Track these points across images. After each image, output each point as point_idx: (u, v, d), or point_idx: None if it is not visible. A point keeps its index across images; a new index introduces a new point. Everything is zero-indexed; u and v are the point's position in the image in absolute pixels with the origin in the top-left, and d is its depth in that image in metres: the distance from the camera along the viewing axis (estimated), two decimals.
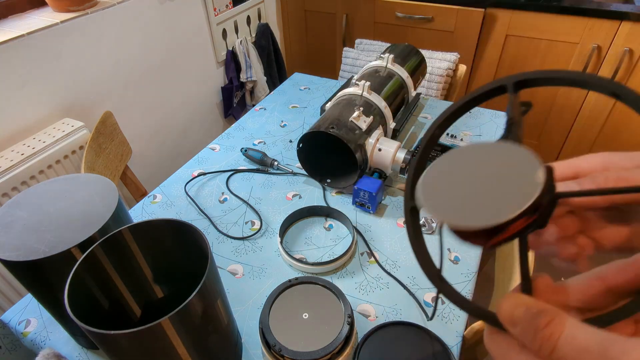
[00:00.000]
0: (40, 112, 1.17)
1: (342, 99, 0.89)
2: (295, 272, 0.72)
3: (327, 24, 2.04)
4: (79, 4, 1.20)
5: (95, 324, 0.38)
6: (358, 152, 0.78)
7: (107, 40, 1.30)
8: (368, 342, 0.56)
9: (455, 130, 1.04)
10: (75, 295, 0.42)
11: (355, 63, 1.52)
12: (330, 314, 0.56)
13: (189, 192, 0.90)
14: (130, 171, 1.27)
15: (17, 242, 0.49)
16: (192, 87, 1.73)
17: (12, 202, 0.54)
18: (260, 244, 0.77)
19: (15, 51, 1.07)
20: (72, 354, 0.61)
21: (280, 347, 0.52)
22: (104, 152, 1.14)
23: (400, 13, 1.79)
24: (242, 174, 0.95)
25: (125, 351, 0.41)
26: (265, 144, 1.04)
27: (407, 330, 0.57)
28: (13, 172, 1.03)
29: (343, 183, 0.86)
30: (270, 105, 1.21)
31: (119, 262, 0.50)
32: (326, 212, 0.82)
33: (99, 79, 1.32)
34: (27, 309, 0.67)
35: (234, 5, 1.76)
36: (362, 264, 0.73)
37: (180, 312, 0.40)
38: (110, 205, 0.53)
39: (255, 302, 0.67)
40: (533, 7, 1.54)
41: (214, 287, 0.46)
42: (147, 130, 1.58)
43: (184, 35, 1.60)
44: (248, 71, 1.86)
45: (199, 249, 0.49)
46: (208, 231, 0.80)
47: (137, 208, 0.87)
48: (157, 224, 0.50)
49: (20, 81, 1.10)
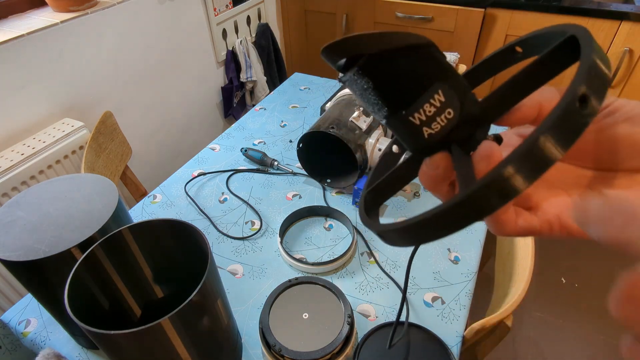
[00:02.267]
0: (40, 112, 1.17)
1: (342, 99, 0.89)
2: (295, 272, 0.72)
3: (327, 24, 2.04)
4: (79, 4, 1.20)
5: (95, 324, 0.38)
6: (358, 152, 0.78)
7: (107, 40, 1.30)
8: (368, 342, 0.56)
9: None
10: (75, 295, 0.42)
11: None
12: (330, 314, 0.56)
13: (189, 192, 0.90)
14: (130, 171, 1.27)
15: (17, 242, 0.49)
16: (192, 87, 1.73)
17: (12, 202, 0.54)
18: (260, 244, 0.77)
19: (15, 51, 1.07)
20: (72, 354, 0.61)
21: (280, 347, 0.52)
22: (104, 152, 1.14)
23: (400, 13, 1.78)
24: (242, 174, 0.95)
25: (125, 351, 0.41)
26: (265, 144, 1.04)
27: (407, 330, 0.57)
28: (13, 172, 1.03)
29: (343, 183, 0.86)
30: (270, 105, 1.21)
31: (119, 262, 0.50)
32: (326, 212, 0.82)
33: (99, 79, 1.32)
34: (27, 309, 0.67)
35: (234, 5, 1.76)
36: (362, 264, 0.73)
37: (180, 312, 0.40)
38: (110, 205, 0.53)
39: (255, 302, 0.67)
40: (533, 7, 1.54)
41: (214, 287, 0.46)
42: (147, 130, 1.57)
43: (184, 35, 1.60)
44: (248, 71, 1.86)
45: (199, 249, 0.49)
46: (208, 231, 0.80)
47: (137, 208, 0.87)
48: (157, 224, 0.50)
49: (20, 81, 1.10)
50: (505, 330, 0.65)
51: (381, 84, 0.19)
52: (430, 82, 0.19)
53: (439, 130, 0.20)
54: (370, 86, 0.20)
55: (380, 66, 0.19)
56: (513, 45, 0.23)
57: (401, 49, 0.18)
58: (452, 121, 0.20)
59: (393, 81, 0.19)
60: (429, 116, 0.20)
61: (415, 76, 0.19)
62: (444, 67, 0.20)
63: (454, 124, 0.20)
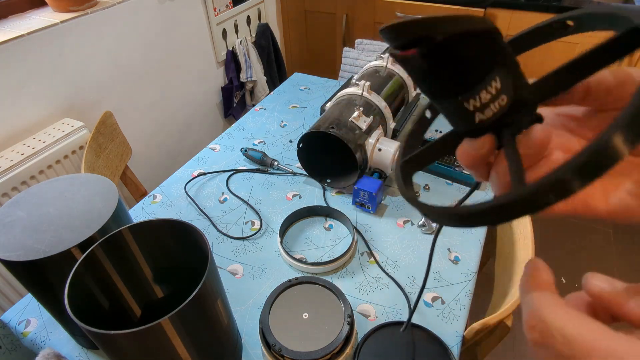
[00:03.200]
0: (40, 112, 1.17)
1: (342, 99, 0.89)
2: (295, 272, 0.72)
3: (327, 24, 2.04)
4: (79, 4, 1.20)
5: (95, 324, 0.38)
6: (358, 152, 0.78)
7: (107, 40, 1.30)
8: (368, 342, 0.56)
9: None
10: (75, 295, 0.42)
11: (355, 63, 1.52)
12: (330, 314, 0.56)
13: (189, 192, 0.90)
14: (130, 171, 1.27)
15: (17, 242, 0.49)
16: (192, 87, 1.73)
17: (12, 202, 0.54)
18: (260, 244, 0.77)
19: (15, 51, 1.07)
20: (72, 354, 0.61)
21: (280, 347, 0.52)
22: (104, 152, 1.14)
23: (400, 13, 1.78)
24: (242, 174, 0.95)
25: (125, 351, 0.41)
26: (265, 144, 1.04)
27: (407, 330, 0.57)
28: (13, 172, 1.03)
29: (343, 183, 0.86)
30: (270, 105, 1.21)
31: (119, 262, 0.50)
32: (326, 212, 0.82)
33: (99, 79, 1.32)
34: (27, 309, 0.67)
35: (234, 5, 1.76)
36: (362, 264, 0.73)
37: (180, 312, 0.40)
38: (110, 205, 0.53)
39: (255, 302, 0.67)
40: (533, 7, 1.54)
41: (214, 287, 0.46)
42: (147, 130, 1.58)
43: (184, 35, 1.60)
44: (248, 71, 1.86)
45: (199, 249, 0.49)
46: (208, 231, 0.80)
47: (137, 208, 0.87)
48: (157, 224, 0.50)
49: (21, 81, 1.10)
50: (505, 330, 0.65)
51: (443, 68, 0.19)
52: (490, 69, 0.19)
53: (491, 117, 0.20)
54: (431, 69, 0.19)
55: (447, 51, 0.18)
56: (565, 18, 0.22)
57: (470, 34, 0.18)
58: (504, 108, 0.20)
59: (455, 66, 0.19)
60: (483, 103, 0.20)
61: (478, 62, 0.19)
62: (505, 54, 0.19)
63: (505, 110, 0.20)
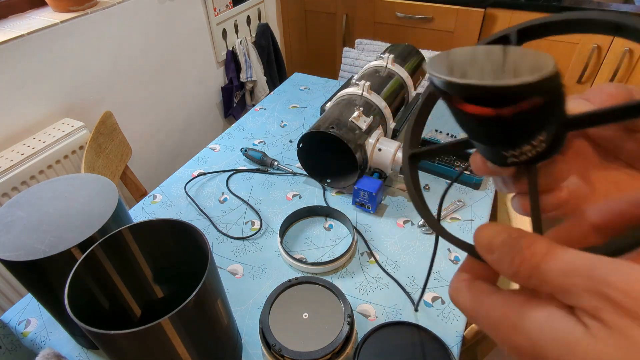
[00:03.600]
0: (40, 112, 1.17)
1: (342, 99, 0.89)
2: (295, 272, 0.72)
3: (327, 24, 2.04)
4: (79, 4, 1.20)
5: (95, 324, 0.38)
6: (358, 152, 0.78)
7: (107, 40, 1.30)
8: (368, 342, 0.56)
9: (455, 130, 1.04)
10: (75, 295, 0.42)
11: (355, 63, 1.51)
12: (330, 314, 0.56)
13: (189, 192, 0.90)
14: (130, 171, 1.27)
15: (17, 242, 0.49)
16: (192, 87, 1.73)
17: (12, 202, 0.54)
18: (260, 244, 0.77)
19: (15, 51, 1.07)
20: (72, 354, 0.61)
21: (280, 347, 0.52)
22: (104, 152, 1.14)
23: (400, 13, 1.78)
24: (242, 174, 0.95)
25: (125, 351, 0.41)
26: (265, 144, 1.04)
27: (407, 330, 0.57)
28: (13, 172, 1.03)
29: (343, 183, 0.86)
30: (270, 105, 1.21)
31: (119, 262, 0.50)
32: (326, 212, 0.82)
33: (99, 79, 1.32)
34: (27, 309, 0.67)
35: (234, 5, 1.76)
36: (362, 264, 0.73)
37: (180, 312, 0.40)
38: (110, 205, 0.53)
39: (255, 302, 0.67)
40: (533, 7, 1.54)
41: (214, 287, 0.46)
42: (147, 130, 1.58)
43: (184, 35, 1.60)
44: (248, 71, 1.86)
45: (199, 249, 0.49)
46: (208, 231, 0.80)
47: (137, 208, 0.87)
48: (157, 224, 0.50)
49: (20, 81, 1.10)
50: None
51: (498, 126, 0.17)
52: (542, 128, 0.18)
53: (524, 160, 0.19)
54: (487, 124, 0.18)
55: (518, 118, 0.17)
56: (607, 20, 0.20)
57: (543, 106, 0.16)
58: (540, 152, 0.19)
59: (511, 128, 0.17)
60: (522, 152, 0.19)
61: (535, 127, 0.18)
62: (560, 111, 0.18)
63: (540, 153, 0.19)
